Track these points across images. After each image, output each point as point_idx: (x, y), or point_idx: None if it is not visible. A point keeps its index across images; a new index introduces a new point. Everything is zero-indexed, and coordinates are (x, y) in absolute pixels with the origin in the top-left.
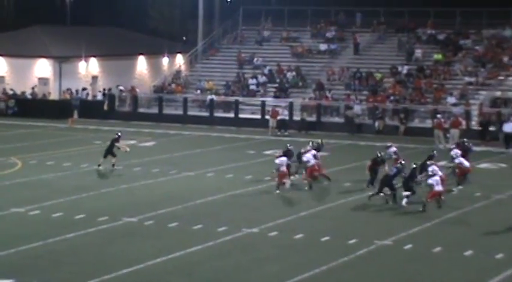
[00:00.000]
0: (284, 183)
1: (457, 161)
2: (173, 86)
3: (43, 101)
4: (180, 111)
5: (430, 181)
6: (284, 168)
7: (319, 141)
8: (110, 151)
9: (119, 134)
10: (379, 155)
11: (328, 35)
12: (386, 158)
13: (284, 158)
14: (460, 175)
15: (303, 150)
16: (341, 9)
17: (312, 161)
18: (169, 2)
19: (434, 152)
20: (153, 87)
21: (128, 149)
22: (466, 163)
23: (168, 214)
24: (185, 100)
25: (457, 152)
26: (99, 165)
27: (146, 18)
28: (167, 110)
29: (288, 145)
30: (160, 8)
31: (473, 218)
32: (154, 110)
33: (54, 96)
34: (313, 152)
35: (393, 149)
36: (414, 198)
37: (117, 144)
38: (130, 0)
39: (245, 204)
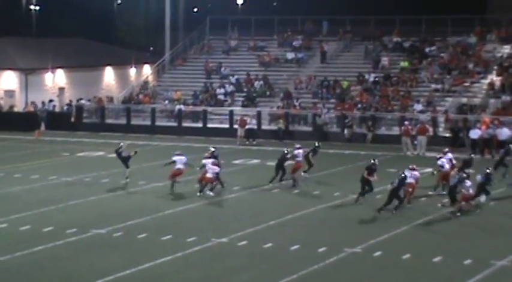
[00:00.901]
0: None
1: (439, 162)
2: (141, 96)
3: (9, 113)
4: (148, 122)
5: (467, 184)
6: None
7: (316, 144)
8: (126, 162)
9: (121, 144)
10: (373, 162)
11: (295, 43)
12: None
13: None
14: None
15: (206, 155)
16: (307, 18)
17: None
18: (136, 13)
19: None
20: (108, 98)
21: (136, 150)
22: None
23: (137, 225)
24: (153, 110)
25: (443, 161)
26: (126, 178)
27: (113, 29)
28: (135, 121)
29: (212, 149)
30: (127, 19)
31: (441, 224)
32: (122, 121)
33: (20, 108)
34: (212, 159)
35: (301, 150)
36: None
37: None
38: (97, 11)
39: (214, 214)
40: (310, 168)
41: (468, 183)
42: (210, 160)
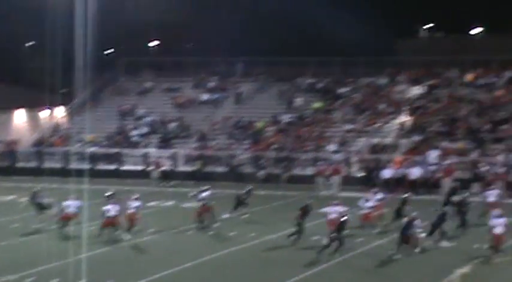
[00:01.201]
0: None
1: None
2: (53, 139)
3: None
4: (60, 165)
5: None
6: (112, 214)
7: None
8: (41, 207)
9: (38, 189)
10: (308, 203)
11: (210, 85)
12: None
13: (111, 206)
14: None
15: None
16: (221, 59)
17: (113, 212)
18: (48, 54)
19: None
20: (13, 141)
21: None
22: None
23: (50, 270)
24: (65, 153)
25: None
26: (42, 222)
27: (24, 70)
28: (48, 164)
29: (109, 193)
30: (37, 60)
31: (360, 261)
32: (34, 164)
33: None
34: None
35: (207, 193)
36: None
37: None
38: (7, 52)
39: (128, 257)
40: (238, 208)
41: (418, 224)
42: (114, 205)
